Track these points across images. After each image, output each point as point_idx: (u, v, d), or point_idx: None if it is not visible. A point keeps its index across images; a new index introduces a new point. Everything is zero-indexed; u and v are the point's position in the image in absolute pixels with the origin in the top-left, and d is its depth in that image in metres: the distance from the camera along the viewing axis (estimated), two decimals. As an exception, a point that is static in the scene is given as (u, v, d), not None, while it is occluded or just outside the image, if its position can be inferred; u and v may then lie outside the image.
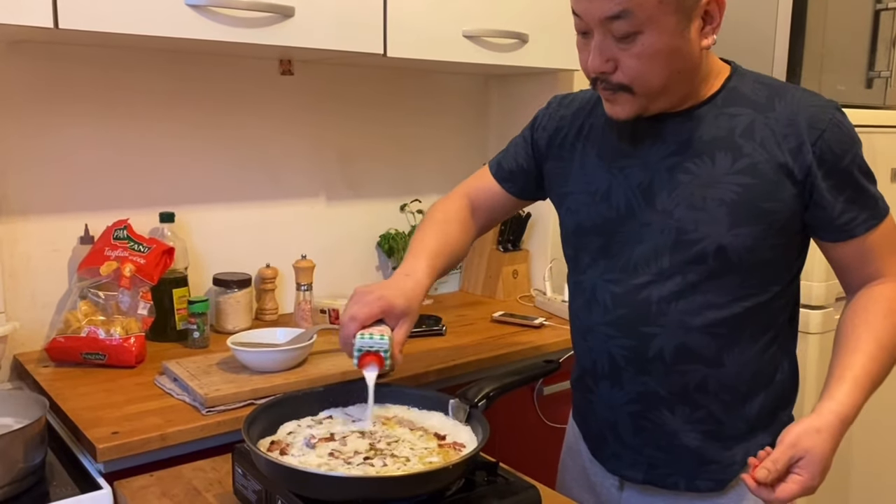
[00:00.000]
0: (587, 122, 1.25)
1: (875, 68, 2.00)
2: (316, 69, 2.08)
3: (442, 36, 1.85)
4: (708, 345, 1.13)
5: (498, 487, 1.04)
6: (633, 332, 1.16)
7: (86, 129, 1.77)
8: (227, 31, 1.53)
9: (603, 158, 1.20)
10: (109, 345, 1.59)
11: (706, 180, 1.10)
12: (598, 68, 1.07)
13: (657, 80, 1.06)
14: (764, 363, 1.17)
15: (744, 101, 1.12)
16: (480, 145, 2.45)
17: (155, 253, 1.69)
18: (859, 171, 1.12)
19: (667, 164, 1.13)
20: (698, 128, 1.12)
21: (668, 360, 1.15)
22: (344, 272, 2.20)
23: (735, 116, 1.11)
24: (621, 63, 1.06)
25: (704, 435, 1.17)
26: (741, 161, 1.09)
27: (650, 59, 1.04)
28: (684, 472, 1.20)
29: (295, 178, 2.10)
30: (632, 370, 1.18)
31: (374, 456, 1.01)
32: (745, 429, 1.18)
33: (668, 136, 1.14)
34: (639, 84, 1.07)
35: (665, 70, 1.06)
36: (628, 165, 1.17)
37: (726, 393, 1.16)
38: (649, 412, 1.19)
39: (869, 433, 1.99)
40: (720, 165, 1.10)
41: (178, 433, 1.32)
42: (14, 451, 1.16)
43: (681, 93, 1.11)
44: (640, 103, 1.10)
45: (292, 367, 1.55)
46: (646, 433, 1.20)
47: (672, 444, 1.19)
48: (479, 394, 1.13)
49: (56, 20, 1.35)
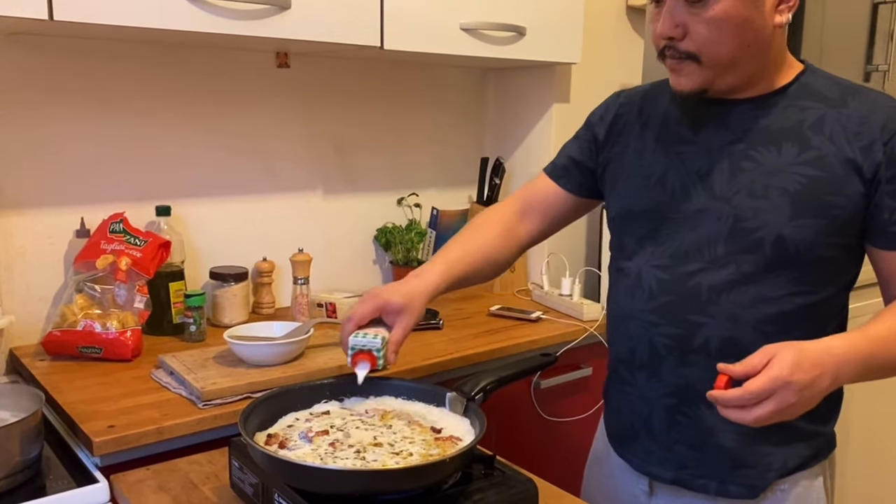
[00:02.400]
0: (647, 111, 1.24)
1: (873, 62, 2.00)
2: (313, 62, 2.07)
3: (439, 29, 1.84)
4: (756, 340, 1.06)
5: (495, 481, 1.04)
6: (678, 320, 1.13)
7: (82, 122, 1.77)
8: (224, 23, 1.52)
9: (661, 143, 1.19)
10: (106, 338, 1.58)
11: (770, 169, 1.09)
12: (668, 32, 1.06)
13: (726, 50, 1.05)
14: None
15: (816, 96, 1.10)
16: (478, 139, 2.44)
17: (151, 246, 1.69)
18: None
19: (729, 151, 1.11)
20: (766, 117, 1.10)
21: (713, 352, 1.11)
22: (341, 266, 2.20)
23: (805, 109, 1.09)
24: (691, 29, 1.05)
25: (741, 436, 1.13)
26: (808, 153, 1.07)
27: (721, 25, 1.03)
28: (716, 475, 1.16)
29: (292, 172, 2.09)
30: (673, 361, 1.15)
31: (372, 449, 1.01)
32: (784, 437, 1.14)
33: (732, 122, 1.12)
34: (707, 52, 1.06)
35: (735, 40, 1.04)
36: (688, 151, 1.15)
37: None
38: (686, 407, 1.15)
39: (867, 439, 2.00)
40: (786, 155, 1.08)
41: (175, 427, 1.32)
42: (10, 445, 1.16)
43: (748, 72, 1.09)
44: (705, 75, 1.08)
45: (289, 361, 1.55)
46: (679, 428, 1.17)
47: (706, 442, 1.15)
48: (477, 387, 1.13)
49: (51, 12, 1.34)
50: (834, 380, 0.96)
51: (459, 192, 2.40)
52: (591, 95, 2.30)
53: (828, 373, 0.95)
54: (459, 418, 1.11)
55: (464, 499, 0.99)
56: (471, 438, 1.03)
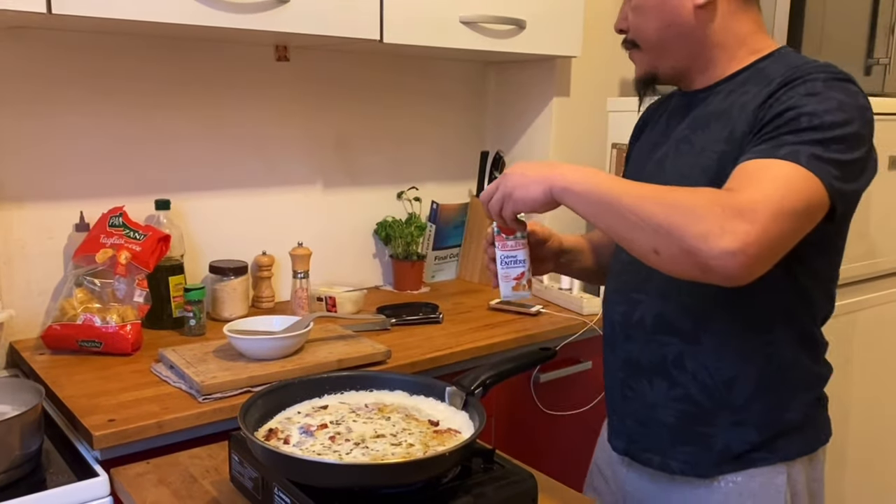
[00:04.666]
0: (659, 112, 1.29)
1: (874, 55, 1.99)
2: (312, 55, 2.07)
3: (439, 22, 1.84)
4: (684, 317, 1.12)
5: (494, 475, 1.04)
6: (626, 298, 1.20)
7: (81, 116, 1.76)
8: (223, 16, 1.52)
9: (651, 140, 1.26)
10: (105, 332, 1.58)
11: (698, 150, 1.12)
12: (617, 26, 1.21)
13: (650, 32, 1.15)
14: (752, 352, 1.12)
15: (762, 81, 1.08)
16: (478, 132, 2.44)
17: (151, 240, 1.68)
18: (805, 118, 0.98)
19: (677, 137, 1.17)
20: (711, 102, 1.14)
21: (648, 327, 1.17)
22: (341, 260, 2.19)
23: (746, 93, 1.09)
24: (629, 20, 1.18)
25: (681, 414, 1.16)
26: (726, 130, 1.08)
27: (642, 10, 1.15)
28: (658, 450, 1.19)
29: (291, 165, 2.09)
30: (622, 336, 1.22)
31: (372, 442, 1.01)
32: (729, 419, 1.13)
33: (688, 111, 1.18)
34: (639, 37, 1.17)
35: (655, 21, 1.14)
36: (660, 142, 1.22)
37: (705, 373, 1.13)
38: (632, 380, 1.21)
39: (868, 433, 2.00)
40: (712, 135, 1.11)
41: (175, 420, 1.32)
42: (10, 439, 1.16)
43: (684, 55, 1.15)
44: (647, 60, 1.18)
45: (289, 355, 1.55)
46: (628, 402, 1.22)
47: (649, 416, 1.19)
48: (476, 381, 1.13)
49: (49, 5, 1.34)
50: (553, 168, 1.04)
51: (459, 185, 2.40)
52: (591, 89, 2.31)
53: (551, 165, 1.05)
54: (458, 412, 1.11)
55: (463, 492, 0.99)
56: (470, 432, 1.03)
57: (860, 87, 1.05)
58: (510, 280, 1.17)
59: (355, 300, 1.97)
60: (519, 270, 1.17)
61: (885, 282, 1.97)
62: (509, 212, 1.09)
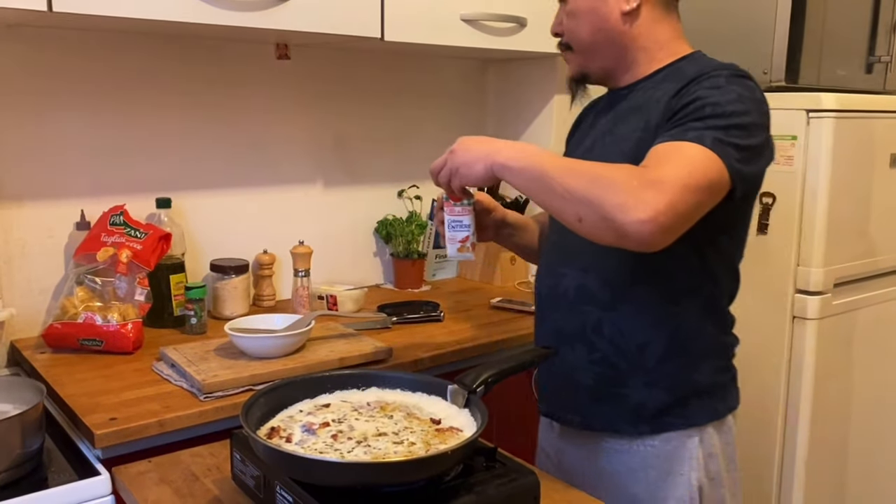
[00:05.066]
0: (586, 115, 1.41)
1: (875, 53, 1.99)
2: (313, 53, 2.07)
3: (440, 20, 1.84)
4: (603, 289, 1.25)
5: (496, 473, 1.04)
6: (553, 273, 1.33)
7: (81, 115, 1.76)
8: (223, 14, 1.52)
9: (581, 138, 1.38)
10: (106, 331, 1.58)
11: (617, 139, 1.25)
12: (553, 30, 1.33)
13: (583, 35, 1.28)
14: (662, 320, 1.23)
15: (677, 78, 1.19)
16: (478, 130, 2.43)
17: (152, 239, 1.68)
18: (709, 107, 1.10)
19: (602, 130, 1.30)
20: (632, 98, 1.27)
21: (571, 298, 1.28)
22: (341, 258, 2.19)
23: (661, 89, 1.21)
24: (564, 24, 1.30)
25: (599, 376, 1.27)
26: (643, 121, 1.21)
27: (575, 16, 1.28)
28: (578, 410, 1.30)
29: (292, 164, 2.09)
30: (549, 308, 1.34)
31: (374, 440, 1.01)
32: (642, 379, 1.25)
33: (613, 107, 1.31)
34: (572, 40, 1.30)
35: (587, 26, 1.27)
36: (589, 137, 1.34)
37: (620, 338, 1.24)
38: (559, 348, 1.31)
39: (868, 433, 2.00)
40: (630, 126, 1.23)
41: (176, 419, 1.32)
42: (12, 437, 1.16)
43: (612, 56, 1.27)
44: (579, 61, 1.31)
45: (290, 353, 1.55)
46: (554, 368, 1.34)
47: (571, 379, 1.30)
48: (478, 379, 1.13)
49: (50, 3, 1.34)
50: (492, 145, 1.16)
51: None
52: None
53: (491, 142, 1.17)
54: (461, 410, 1.11)
55: (465, 491, 0.99)
56: (472, 430, 1.03)
57: (758, 85, 1.19)
58: (456, 242, 1.29)
59: (356, 298, 1.97)
60: (464, 234, 1.28)
61: (885, 280, 1.97)
62: (457, 185, 1.21)
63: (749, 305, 1.83)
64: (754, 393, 1.85)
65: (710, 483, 1.28)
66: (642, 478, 1.27)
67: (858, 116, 1.78)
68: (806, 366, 1.77)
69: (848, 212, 1.80)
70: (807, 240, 1.74)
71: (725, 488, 1.31)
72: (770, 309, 1.80)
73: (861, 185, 1.83)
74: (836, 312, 1.81)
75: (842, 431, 1.92)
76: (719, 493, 1.30)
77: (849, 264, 1.83)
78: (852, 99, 1.77)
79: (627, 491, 1.28)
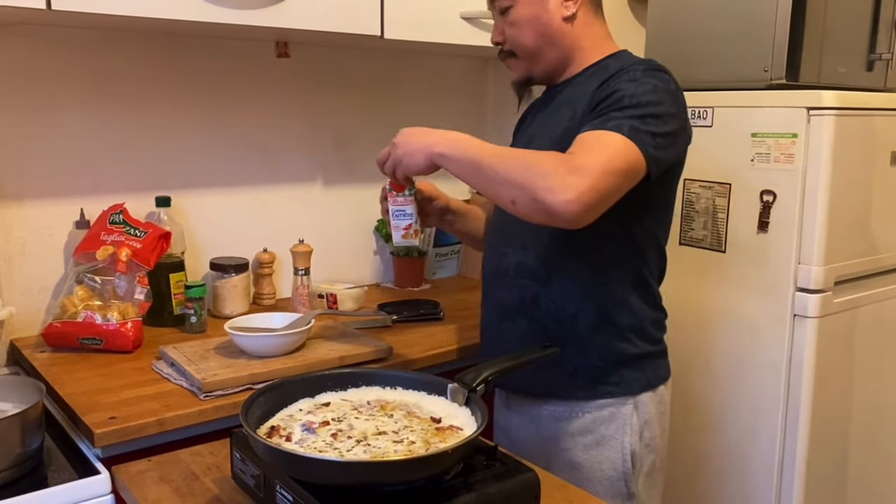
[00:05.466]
0: (529, 112, 1.52)
1: (876, 50, 1.98)
2: (312, 51, 2.06)
3: (439, 18, 1.83)
4: (540, 265, 1.36)
5: (496, 471, 1.04)
6: (496, 252, 1.44)
7: (81, 113, 1.76)
8: (223, 12, 1.52)
9: (523, 133, 1.49)
10: (106, 330, 1.58)
11: (550, 128, 1.37)
12: (494, 39, 1.43)
13: (527, 42, 1.38)
14: (592, 291, 1.34)
15: (603, 73, 1.31)
16: (478, 128, 2.43)
17: (151, 237, 1.68)
18: (627, 99, 1.22)
19: (540, 123, 1.42)
20: (566, 92, 1.39)
21: (511, 273, 1.39)
22: (342, 257, 2.19)
23: (589, 84, 1.32)
24: (505, 33, 1.40)
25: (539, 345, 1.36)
26: (571, 111, 1.32)
27: (518, 25, 1.37)
28: (524, 377, 1.35)
29: (292, 162, 2.09)
30: (493, 285, 1.45)
31: (374, 439, 1.01)
32: (577, 347, 1.35)
33: (550, 102, 1.42)
34: (516, 47, 1.39)
35: (530, 33, 1.37)
36: (529, 131, 1.46)
37: (556, 309, 1.36)
38: (502, 322, 1.42)
39: (868, 432, 2.00)
40: (561, 117, 1.35)
41: (176, 418, 1.32)
42: (11, 436, 1.16)
43: (553, 58, 1.39)
44: (524, 65, 1.42)
45: (290, 352, 1.55)
46: (499, 341, 1.44)
47: (510, 350, 1.34)
48: (478, 378, 1.13)
49: (49, 1, 1.33)
50: (430, 136, 1.26)
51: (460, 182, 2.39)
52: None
53: (429, 133, 1.26)
54: (461, 409, 1.11)
55: (466, 489, 0.98)
56: (472, 428, 1.03)
57: (673, 77, 1.30)
58: (400, 230, 1.37)
59: (356, 297, 1.97)
60: (407, 222, 1.36)
61: (886, 278, 1.96)
62: (401, 174, 1.30)
63: (749, 303, 1.84)
64: (754, 391, 1.84)
65: (644, 449, 1.39)
66: (580, 442, 1.37)
67: (859, 114, 1.77)
68: (806, 364, 1.77)
69: (849, 209, 1.79)
70: (807, 237, 1.74)
71: (657, 455, 1.42)
72: (770, 307, 1.80)
73: (862, 182, 1.83)
74: (836, 310, 1.80)
75: (842, 430, 1.92)
76: (651, 458, 1.40)
77: (849, 262, 1.82)
78: (853, 96, 1.76)
79: (565, 456, 1.38)
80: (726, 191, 1.85)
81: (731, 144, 1.83)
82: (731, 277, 1.86)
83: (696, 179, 1.90)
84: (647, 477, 1.41)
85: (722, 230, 1.86)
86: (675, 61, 2.02)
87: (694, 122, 1.91)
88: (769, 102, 1.77)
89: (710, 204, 1.88)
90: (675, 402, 2.03)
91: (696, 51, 1.97)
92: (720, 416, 1.91)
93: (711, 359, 1.92)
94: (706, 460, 1.95)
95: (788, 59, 1.81)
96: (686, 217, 1.94)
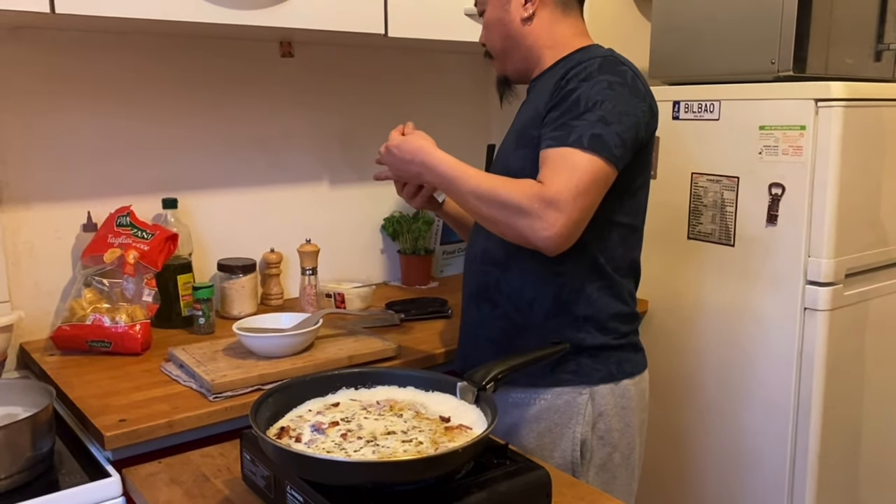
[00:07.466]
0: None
1: (884, 41, 1.97)
2: (317, 51, 2.06)
3: (443, 15, 1.83)
4: (499, 251, 1.40)
5: (507, 470, 1.03)
6: (472, 241, 1.50)
7: (86, 116, 1.76)
8: (227, 13, 1.51)
9: None
10: (115, 332, 1.58)
11: (517, 122, 1.43)
12: (479, 40, 1.51)
13: (495, 42, 1.46)
14: (547, 278, 1.36)
15: (566, 66, 1.34)
16: (484, 125, 2.43)
17: (158, 239, 1.68)
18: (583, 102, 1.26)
19: (517, 116, 1.46)
20: (536, 87, 1.43)
21: (478, 260, 1.45)
22: (349, 256, 2.19)
23: (554, 78, 1.34)
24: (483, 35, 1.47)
25: (501, 331, 1.42)
26: (534, 105, 1.36)
27: (487, 27, 1.46)
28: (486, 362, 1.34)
29: (297, 162, 2.08)
30: (467, 271, 1.50)
31: (383, 439, 1.01)
32: (535, 332, 1.38)
33: (528, 96, 1.46)
34: (490, 47, 1.48)
35: (496, 34, 1.44)
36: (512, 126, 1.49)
37: (515, 295, 1.39)
38: (469, 307, 1.48)
39: (880, 424, 1.99)
40: (527, 113, 1.39)
41: (186, 420, 1.32)
42: (22, 440, 1.16)
43: (520, 57, 1.44)
44: (498, 64, 1.50)
45: (299, 352, 1.55)
46: (465, 326, 1.50)
47: (479, 335, 1.46)
48: (487, 376, 1.12)
49: (52, 5, 1.34)
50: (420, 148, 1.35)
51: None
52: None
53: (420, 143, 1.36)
54: (470, 407, 1.10)
55: (476, 488, 0.98)
56: (482, 427, 1.03)
57: (630, 66, 1.32)
58: None
59: (364, 296, 1.96)
60: None
61: (897, 270, 1.95)
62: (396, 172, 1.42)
63: (759, 297, 1.83)
64: (765, 385, 1.84)
65: (597, 440, 1.39)
66: (534, 429, 1.39)
67: (867, 105, 1.76)
68: (817, 357, 1.76)
69: (858, 201, 1.78)
70: (817, 230, 1.73)
71: (616, 449, 1.41)
72: (781, 300, 1.79)
73: (871, 174, 1.82)
74: (847, 303, 1.79)
75: (854, 422, 1.91)
76: (605, 451, 1.40)
77: (860, 254, 1.81)
78: (861, 87, 1.75)
79: (520, 441, 1.39)
80: (734, 184, 1.84)
81: (738, 137, 1.82)
82: (740, 271, 1.85)
83: (704, 173, 1.89)
84: (601, 470, 1.40)
85: (731, 224, 1.85)
86: (681, 55, 2.02)
87: (701, 115, 1.90)
88: (777, 95, 1.76)
89: (719, 198, 1.87)
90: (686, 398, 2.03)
91: (702, 44, 1.96)
92: (731, 410, 1.90)
93: (722, 353, 1.92)
94: (717, 455, 1.95)
95: (795, 51, 1.80)
96: (694, 211, 1.93)
